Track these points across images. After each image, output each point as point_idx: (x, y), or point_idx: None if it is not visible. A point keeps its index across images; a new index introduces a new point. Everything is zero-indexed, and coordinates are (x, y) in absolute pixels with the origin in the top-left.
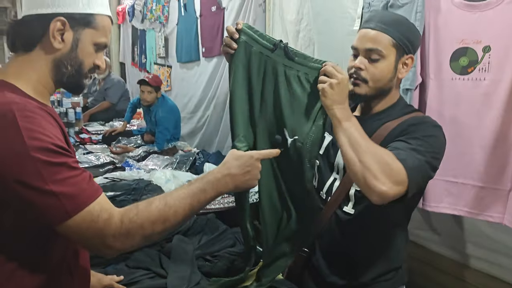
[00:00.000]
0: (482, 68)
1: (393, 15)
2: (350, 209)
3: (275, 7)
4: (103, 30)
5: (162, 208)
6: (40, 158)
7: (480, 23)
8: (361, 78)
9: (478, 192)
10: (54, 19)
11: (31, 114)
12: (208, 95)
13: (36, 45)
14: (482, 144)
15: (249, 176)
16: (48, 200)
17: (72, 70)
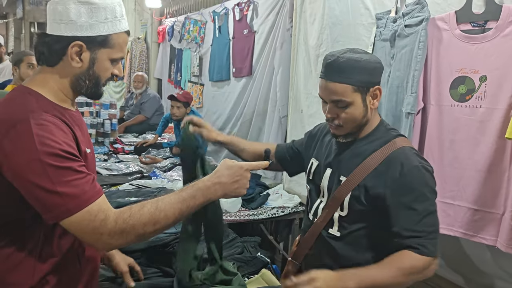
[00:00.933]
0: (479, 97)
1: (347, 61)
2: (336, 231)
3: (300, 32)
4: (119, 47)
5: (153, 212)
6: (48, 162)
7: (477, 54)
8: (335, 125)
9: (473, 215)
10: (72, 44)
11: (45, 122)
12: (236, 113)
13: (58, 62)
14: (477, 168)
15: (237, 185)
16: (54, 199)
17: (90, 84)
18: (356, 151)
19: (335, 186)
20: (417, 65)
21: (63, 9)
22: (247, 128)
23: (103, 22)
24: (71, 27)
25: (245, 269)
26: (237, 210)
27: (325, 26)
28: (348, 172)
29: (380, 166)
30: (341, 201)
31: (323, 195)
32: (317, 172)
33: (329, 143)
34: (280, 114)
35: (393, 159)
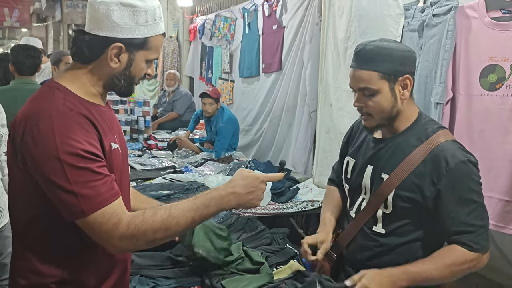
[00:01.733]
0: (510, 85)
1: (375, 48)
2: (380, 229)
3: (328, 25)
4: (156, 49)
5: (165, 218)
6: (67, 161)
7: (508, 42)
8: (365, 114)
9: (504, 206)
10: (113, 45)
11: (67, 121)
12: (266, 109)
13: (94, 60)
14: (508, 158)
15: (252, 196)
16: (69, 198)
17: (124, 83)
18: (397, 147)
19: (376, 183)
20: (445, 54)
21: (105, 10)
22: (277, 123)
23: (144, 25)
24: (112, 28)
25: (273, 260)
26: (267, 204)
27: (353, 18)
28: (390, 170)
29: (424, 163)
30: (384, 199)
31: (365, 193)
32: (355, 170)
33: (365, 140)
34: (309, 109)
35: (438, 155)
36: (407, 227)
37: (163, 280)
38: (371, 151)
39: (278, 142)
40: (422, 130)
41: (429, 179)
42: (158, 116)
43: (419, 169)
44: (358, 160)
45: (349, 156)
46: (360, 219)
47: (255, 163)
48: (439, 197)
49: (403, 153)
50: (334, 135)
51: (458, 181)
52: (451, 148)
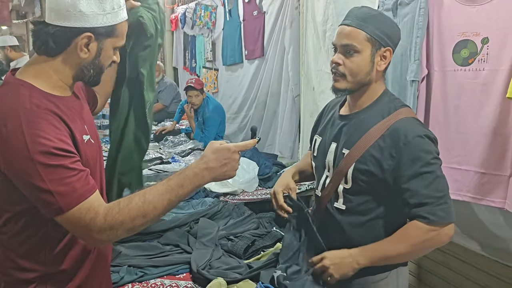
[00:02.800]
0: (481, 59)
1: (369, 11)
2: (341, 205)
3: (307, 9)
4: (121, 35)
5: (141, 205)
6: (39, 160)
7: (478, 16)
8: (339, 73)
9: (480, 178)
10: (82, 35)
11: (36, 119)
12: (251, 96)
13: (61, 53)
14: (483, 132)
15: (226, 168)
16: (46, 197)
17: (93, 73)
18: (359, 123)
19: (338, 160)
20: (418, 32)
21: (71, 0)
22: (262, 110)
23: (110, 13)
24: (80, 18)
25: (260, 243)
26: (254, 190)
27: (330, 1)
28: (351, 145)
29: (383, 137)
30: (344, 174)
31: (329, 170)
32: (321, 148)
33: (332, 118)
34: (293, 94)
35: (396, 130)
36: (368, 204)
37: (152, 269)
38: (336, 128)
39: (264, 128)
40: (385, 107)
41: (388, 153)
42: None
43: (378, 143)
44: (324, 138)
45: (317, 135)
46: (324, 197)
47: None
48: (397, 170)
49: (364, 129)
50: None
51: (415, 154)
52: (410, 123)
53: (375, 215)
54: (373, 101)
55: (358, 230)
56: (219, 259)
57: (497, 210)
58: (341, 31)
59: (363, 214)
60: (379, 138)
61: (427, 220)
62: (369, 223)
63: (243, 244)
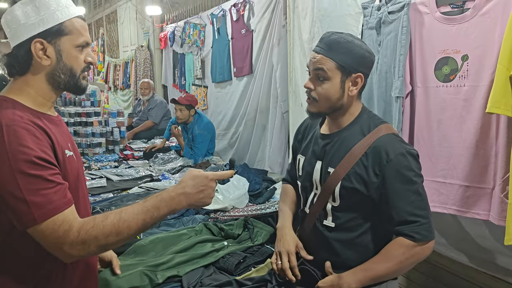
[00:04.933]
0: (462, 75)
1: (339, 39)
2: (330, 222)
3: (294, 27)
4: (77, 32)
5: (116, 222)
6: (19, 168)
7: (458, 34)
8: (311, 98)
9: (465, 191)
10: (32, 43)
11: (18, 129)
12: (240, 112)
13: (29, 68)
14: (465, 146)
15: (202, 195)
16: (21, 206)
17: (65, 77)
18: (341, 142)
19: (324, 178)
20: (401, 49)
21: (12, 17)
22: (251, 126)
23: (51, 13)
24: (24, 29)
25: (251, 259)
26: (245, 206)
27: (316, 19)
28: (335, 163)
29: (366, 155)
30: (331, 192)
31: (317, 188)
32: (305, 167)
33: (313, 137)
34: (282, 110)
35: (378, 147)
36: (356, 220)
37: None
38: (319, 147)
39: (254, 144)
40: (365, 124)
41: (371, 171)
42: (134, 126)
43: (362, 161)
44: (307, 157)
45: (300, 154)
46: (313, 214)
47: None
48: (381, 187)
49: (347, 147)
50: None
51: (398, 172)
52: (391, 140)
53: (364, 231)
54: (352, 120)
55: (347, 246)
56: (210, 276)
57: (482, 222)
58: (313, 56)
59: (352, 231)
60: (362, 156)
61: (412, 238)
62: (358, 239)
63: (234, 261)
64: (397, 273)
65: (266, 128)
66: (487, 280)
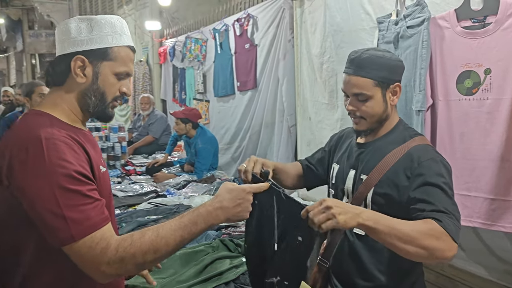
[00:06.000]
0: (485, 89)
1: (371, 56)
2: (360, 230)
3: (302, 42)
4: (122, 60)
5: (154, 239)
6: (58, 182)
7: (480, 48)
8: (358, 117)
9: (490, 204)
10: (75, 57)
11: (57, 142)
12: (244, 126)
13: (65, 81)
14: (490, 158)
15: (240, 209)
16: (59, 223)
17: (96, 100)
18: (376, 150)
19: (357, 185)
20: (422, 63)
21: (65, 29)
22: (256, 140)
23: (102, 35)
24: (72, 43)
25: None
26: None
27: (328, 34)
28: (368, 170)
29: (399, 162)
30: (363, 199)
31: (348, 196)
32: (339, 175)
33: (349, 146)
34: (288, 124)
35: (412, 154)
36: None
37: None
38: (354, 156)
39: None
40: (400, 135)
41: (403, 174)
42: (133, 141)
43: (395, 167)
44: (342, 166)
45: (335, 163)
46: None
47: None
48: (411, 189)
49: (381, 155)
50: (315, 147)
51: (430, 173)
52: (426, 149)
53: None
54: (389, 130)
55: (374, 253)
56: None
57: (503, 235)
58: (348, 80)
59: None
60: (396, 163)
61: (440, 222)
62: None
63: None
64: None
65: (271, 142)
66: None
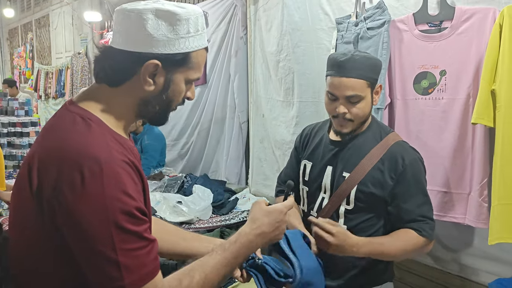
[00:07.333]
0: (440, 89)
1: (361, 58)
2: (342, 225)
3: (255, 39)
4: (198, 66)
5: (202, 284)
6: (117, 222)
7: (436, 51)
8: (347, 119)
9: (443, 197)
10: (147, 63)
11: (117, 168)
12: (192, 123)
13: (124, 82)
14: (443, 154)
15: (278, 232)
16: (111, 269)
17: (159, 109)
18: (355, 148)
19: (338, 182)
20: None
21: (137, 20)
22: (205, 136)
23: (185, 37)
24: (146, 42)
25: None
26: (209, 217)
27: (285, 32)
28: (351, 168)
29: (382, 160)
30: (346, 196)
31: (325, 192)
32: (313, 172)
33: (321, 143)
34: (240, 120)
35: (394, 153)
36: (368, 222)
37: None
38: (329, 153)
39: (208, 155)
40: (376, 132)
41: (388, 174)
42: None
43: (378, 165)
44: (316, 163)
45: (306, 160)
46: (322, 217)
47: (192, 177)
48: (395, 188)
49: (362, 153)
50: (268, 144)
51: (413, 176)
52: (404, 147)
53: (374, 231)
54: (365, 128)
55: None
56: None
57: (451, 225)
58: (339, 82)
59: (364, 232)
60: (378, 161)
61: (419, 232)
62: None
63: None
64: (397, 255)
65: (221, 138)
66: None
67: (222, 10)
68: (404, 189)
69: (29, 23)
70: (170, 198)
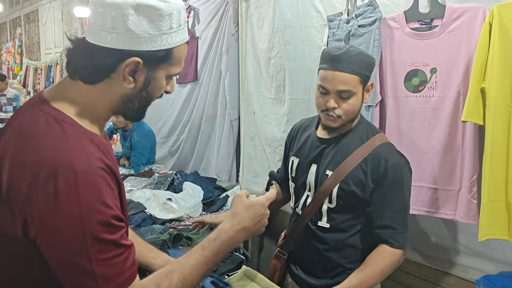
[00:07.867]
0: (431, 87)
1: (357, 54)
2: (325, 223)
3: (247, 36)
4: (179, 61)
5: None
6: (93, 233)
7: (427, 49)
8: (335, 115)
9: (433, 194)
10: (128, 60)
11: (94, 177)
12: (183, 120)
13: (102, 80)
14: (434, 151)
15: (259, 225)
16: (85, 279)
17: (138, 106)
18: (340, 147)
19: (321, 180)
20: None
21: (118, 15)
22: (196, 133)
23: (167, 33)
24: (127, 38)
25: (223, 267)
26: (199, 214)
27: (277, 29)
28: (334, 167)
29: (365, 161)
30: (328, 194)
31: (309, 189)
32: (300, 169)
33: (308, 140)
34: (231, 118)
35: (378, 155)
36: (350, 222)
37: None
38: (315, 150)
39: (199, 152)
40: (364, 132)
41: (370, 175)
42: None
43: (361, 166)
44: (302, 159)
45: (294, 156)
46: (306, 215)
47: (182, 174)
48: (374, 191)
49: (346, 152)
50: (258, 142)
51: (392, 181)
52: (390, 150)
53: (356, 231)
54: (353, 127)
55: (339, 246)
56: None
57: (440, 222)
58: (333, 76)
59: (346, 231)
60: (362, 161)
61: (392, 244)
62: (350, 239)
63: None
64: (379, 280)
65: (212, 136)
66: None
67: (214, 6)
68: (382, 194)
69: (18, 18)
70: (160, 195)
